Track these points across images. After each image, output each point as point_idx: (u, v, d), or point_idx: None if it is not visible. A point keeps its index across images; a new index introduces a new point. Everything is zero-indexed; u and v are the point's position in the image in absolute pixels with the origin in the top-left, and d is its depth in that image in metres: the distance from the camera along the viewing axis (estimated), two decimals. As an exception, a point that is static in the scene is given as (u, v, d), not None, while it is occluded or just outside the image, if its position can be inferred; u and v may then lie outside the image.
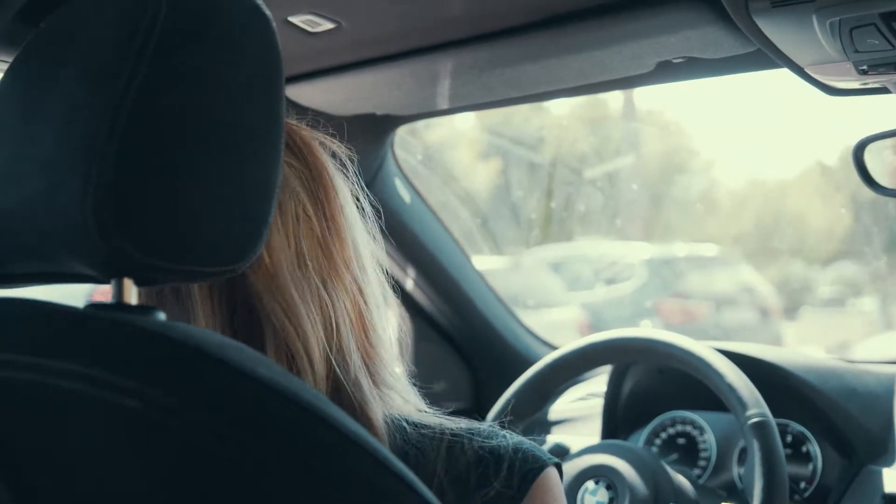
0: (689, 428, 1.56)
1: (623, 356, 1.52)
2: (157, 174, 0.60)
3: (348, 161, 0.90)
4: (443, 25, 1.13)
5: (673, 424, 1.58)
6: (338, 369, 0.80)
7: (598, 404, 1.66)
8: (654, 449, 1.56)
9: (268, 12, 0.67)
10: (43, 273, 0.68)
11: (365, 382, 0.81)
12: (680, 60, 1.15)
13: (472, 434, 0.81)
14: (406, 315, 1.88)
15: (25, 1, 1.00)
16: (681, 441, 1.55)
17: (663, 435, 1.57)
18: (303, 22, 1.12)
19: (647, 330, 1.47)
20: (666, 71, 1.19)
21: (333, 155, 0.89)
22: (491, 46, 1.15)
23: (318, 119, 0.96)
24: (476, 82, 1.26)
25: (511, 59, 1.17)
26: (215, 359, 0.59)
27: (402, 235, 1.68)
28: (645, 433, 1.58)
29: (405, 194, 1.67)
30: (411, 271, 1.76)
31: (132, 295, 0.64)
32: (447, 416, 0.84)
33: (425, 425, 0.82)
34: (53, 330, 0.62)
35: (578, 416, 1.73)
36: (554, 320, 6.14)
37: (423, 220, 1.74)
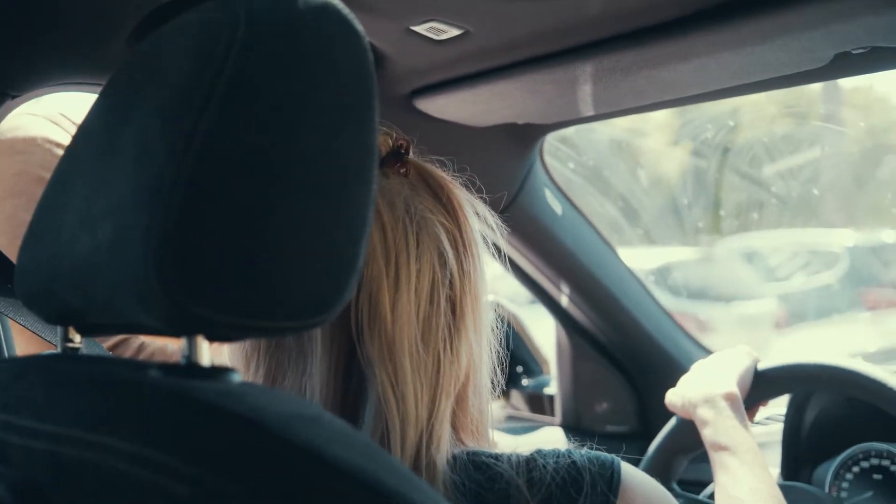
0: (886, 462, 1.38)
1: (801, 385, 1.35)
2: (228, 219, 0.53)
3: (495, 225, 0.86)
4: (582, 26, 1.02)
5: (867, 457, 1.39)
6: (423, 445, 0.75)
7: (777, 430, 1.50)
8: (845, 484, 1.38)
9: (359, 27, 0.59)
10: (118, 325, 0.63)
11: (445, 447, 0.77)
12: (861, 51, 0.98)
13: (544, 455, 0.79)
14: (563, 333, 1.77)
15: (135, 24, 0.97)
16: (877, 477, 1.37)
17: (855, 469, 1.39)
18: (427, 30, 1.03)
19: (827, 356, 1.30)
20: (844, 64, 1.02)
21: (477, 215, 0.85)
22: (636, 46, 1.01)
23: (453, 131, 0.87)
24: (622, 86, 1.13)
25: (659, 59, 1.04)
26: (281, 438, 0.51)
27: (553, 249, 1.58)
28: (833, 466, 1.40)
29: (556, 205, 1.56)
30: (565, 287, 1.65)
31: (204, 353, 0.58)
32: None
33: (500, 454, 0.79)
34: (109, 402, 0.57)
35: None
36: (749, 314, 5.85)
37: (577, 231, 1.62)
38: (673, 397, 1.25)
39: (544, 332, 1.90)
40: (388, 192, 0.78)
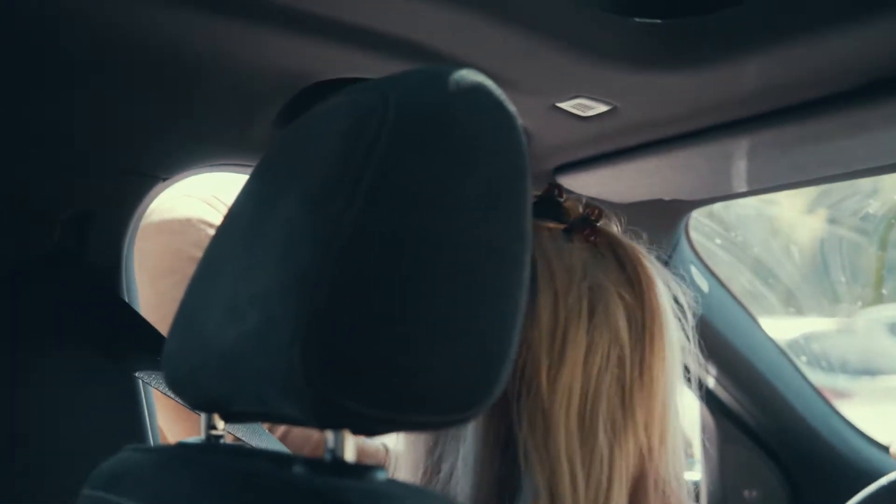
0: None
1: None
2: (375, 311, 0.51)
3: (686, 305, 0.79)
4: (737, 102, 0.97)
5: None
6: None
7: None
8: None
9: (511, 108, 0.56)
10: (262, 413, 0.61)
11: None
12: None
13: None
14: (708, 414, 1.69)
15: (283, 106, 0.98)
16: None
17: None
18: (573, 107, 1.00)
19: None
20: None
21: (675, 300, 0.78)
22: (798, 121, 0.95)
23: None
24: (781, 162, 1.06)
25: (825, 134, 0.97)
26: None
27: (701, 328, 1.51)
28: None
29: (703, 282, 1.49)
30: (713, 367, 1.57)
31: (349, 449, 0.55)
32: None
33: None
34: (254, 500, 0.55)
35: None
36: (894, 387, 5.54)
37: (724, 309, 1.54)
38: None
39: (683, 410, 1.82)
40: (568, 256, 0.72)
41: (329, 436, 0.55)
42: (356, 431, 0.55)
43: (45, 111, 0.93)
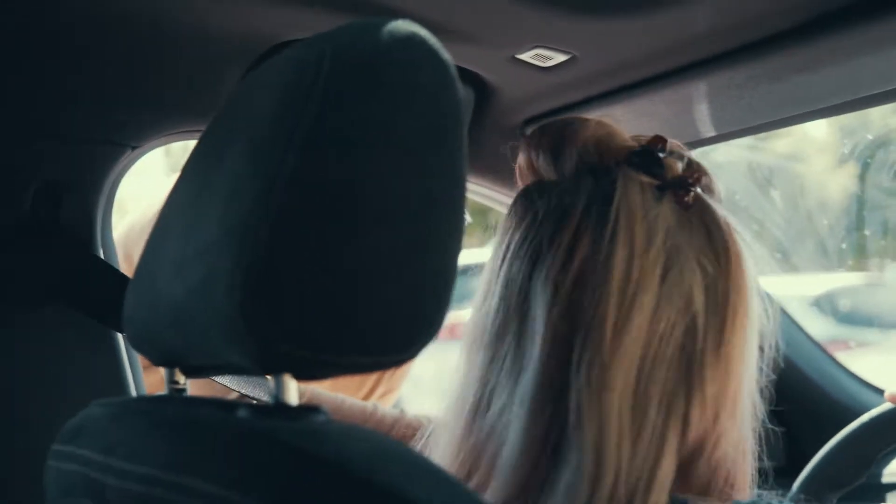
0: None
1: None
2: (315, 256, 0.53)
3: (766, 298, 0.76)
4: (692, 43, 0.97)
5: None
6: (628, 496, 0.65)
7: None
8: None
9: (446, 55, 0.57)
10: (213, 366, 0.64)
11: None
12: None
13: None
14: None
15: (247, 69, 1.00)
16: None
17: None
18: (533, 58, 1.01)
19: None
20: None
21: None
22: (751, 60, 0.95)
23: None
24: (740, 104, 1.06)
25: (778, 72, 0.98)
26: (362, 479, 0.51)
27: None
28: None
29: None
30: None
31: (292, 393, 0.57)
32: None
33: None
34: (199, 444, 0.57)
35: (922, 479, 1.45)
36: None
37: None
38: None
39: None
40: (653, 215, 0.69)
41: (272, 382, 0.57)
42: (298, 377, 0.57)
43: (9, 82, 0.95)
